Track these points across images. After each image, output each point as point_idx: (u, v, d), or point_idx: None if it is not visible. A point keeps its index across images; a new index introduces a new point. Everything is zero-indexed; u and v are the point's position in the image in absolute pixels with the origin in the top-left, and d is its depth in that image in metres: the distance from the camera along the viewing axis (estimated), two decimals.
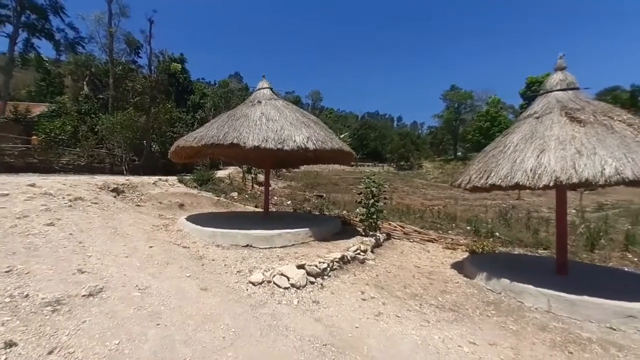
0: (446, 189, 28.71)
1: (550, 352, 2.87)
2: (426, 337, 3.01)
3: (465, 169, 4.92)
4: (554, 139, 3.64)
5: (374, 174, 7.70)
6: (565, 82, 4.18)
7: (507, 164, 3.91)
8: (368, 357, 2.62)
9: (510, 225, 10.17)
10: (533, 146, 3.79)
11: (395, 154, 48.96)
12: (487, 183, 4.09)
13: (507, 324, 3.43)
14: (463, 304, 3.96)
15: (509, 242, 8.10)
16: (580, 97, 4.04)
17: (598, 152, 3.23)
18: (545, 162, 3.52)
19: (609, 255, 6.66)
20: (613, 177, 3.03)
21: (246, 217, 8.12)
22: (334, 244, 5.87)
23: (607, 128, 3.44)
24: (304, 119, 6.31)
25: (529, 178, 3.58)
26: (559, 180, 3.32)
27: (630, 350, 2.90)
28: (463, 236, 8.83)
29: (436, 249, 7.43)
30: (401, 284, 4.59)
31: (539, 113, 4.16)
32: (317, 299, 3.67)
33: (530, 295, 3.82)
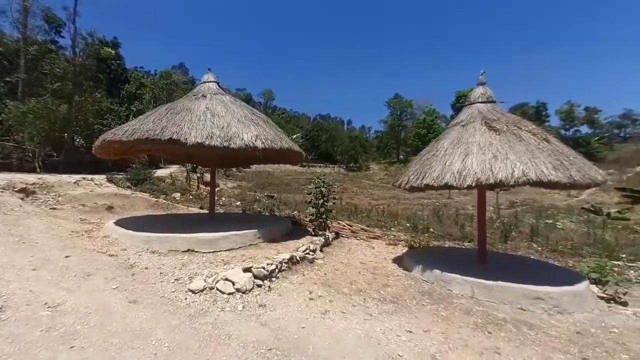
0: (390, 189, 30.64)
1: (473, 333, 3.22)
2: (369, 330, 3.12)
3: (405, 170, 5.27)
4: (476, 144, 4.12)
5: (324, 175, 7.82)
6: (485, 96, 4.78)
7: (439, 167, 4.30)
8: (313, 356, 2.61)
9: (442, 222, 11.27)
10: (459, 151, 4.24)
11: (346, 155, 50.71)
12: (422, 183, 4.44)
13: (439, 311, 3.76)
14: (402, 296, 4.22)
15: (441, 237, 8.95)
16: (497, 109, 4.66)
17: (509, 157, 3.76)
18: (469, 165, 3.96)
19: (519, 245, 7.80)
20: (521, 178, 3.56)
21: (189, 219, 7.53)
22: (283, 245, 5.78)
23: (516, 137, 4.02)
24: (253, 116, 6.09)
25: (456, 179, 3.99)
26: (480, 180, 3.77)
27: (540, 328, 3.38)
28: (403, 233, 9.50)
29: (380, 245, 7.83)
30: (348, 281, 4.71)
31: (464, 122, 4.68)
32: (264, 303, 3.55)
33: (457, 283, 4.24)
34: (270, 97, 76.55)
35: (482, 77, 4.89)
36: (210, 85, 6.38)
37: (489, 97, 4.76)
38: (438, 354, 2.79)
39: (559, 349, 2.93)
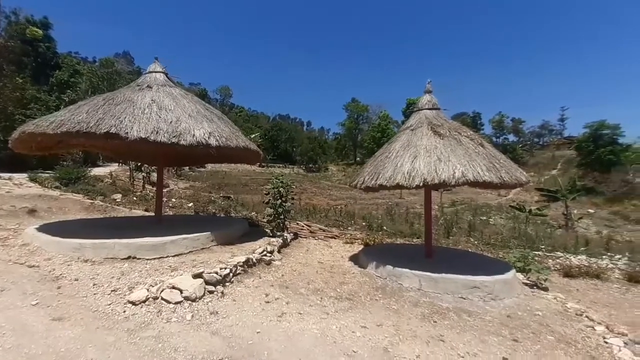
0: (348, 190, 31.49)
1: (421, 323, 3.41)
2: (325, 328, 3.12)
3: (360, 171, 5.42)
4: (423, 147, 4.42)
5: (282, 175, 7.69)
6: (431, 103, 5.16)
7: (391, 168, 4.51)
8: None
9: (395, 220, 11.90)
10: (409, 153, 4.50)
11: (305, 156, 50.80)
12: (376, 184, 4.61)
13: (391, 304, 3.92)
14: (357, 292, 4.32)
15: (393, 234, 9.43)
16: (441, 116, 5.05)
17: (451, 160, 4.10)
18: (417, 167, 4.22)
19: (459, 240, 8.57)
20: (460, 178, 3.89)
21: (132, 223, 6.80)
22: (239, 247, 5.53)
23: (457, 141, 4.40)
24: (206, 112, 5.73)
25: (406, 179, 4.22)
26: (426, 181, 4.03)
27: (477, 315, 3.71)
28: (360, 231, 9.80)
29: (338, 244, 7.95)
30: (305, 281, 4.68)
31: (413, 126, 4.99)
32: (216, 310, 3.34)
33: (407, 277, 4.48)
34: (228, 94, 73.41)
35: (429, 86, 5.27)
36: (158, 76, 5.85)
37: (435, 105, 5.15)
38: (390, 346, 2.89)
39: (493, 332, 3.25)
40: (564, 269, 5.84)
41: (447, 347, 2.92)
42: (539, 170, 23.86)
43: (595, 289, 5.15)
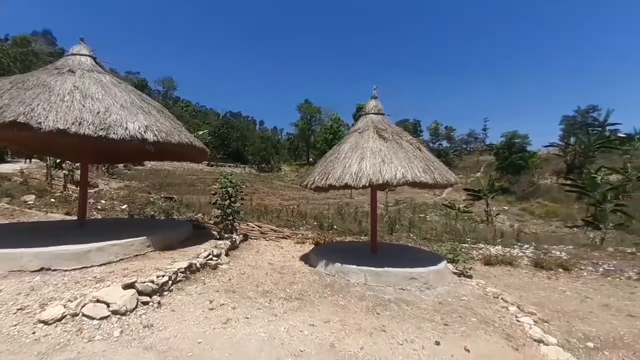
0: (300, 190, 31.52)
1: (365, 316, 3.56)
2: (272, 331, 3.05)
3: (311, 171, 5.46)
4: (369, 150, 4.64)
5: (231, 174, 7.35)
6: (377, 108, 5.45)
7: (340, 168, 4.64)
8: None
9: (345, 219, 12.29)
10: (356, 155, 4.69)
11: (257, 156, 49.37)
12: (326, 184, 4.69)
13: (338, 300, 4.02)
14: (307, 291, 4.33)
15: (343, 233, 9.72)
16: (386, 120, 5.38)
17: (394, 162, 4.39)
18: (364, 168, 4.42)
19: (401, 236, 9.21)
20: (401, 179, 4.19)
21: (47, 229, 5.80)
22: (181, 252, 5.12)
23: (399, 145, 4.72)
24: (142, 103, 5.16)
25: (353, 180, 4.39)
26: (372, 181, 4.25)
27: (415, 304, 4.00)
28: (311, 231, 9.87)
29: (289, 244, 7.89)
30: (254, 284, 4.53)
31: (361, 129, 5.21)
32: (151, 322, 3.02)
33: (354, 273, 4.65)
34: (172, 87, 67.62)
35: (375, 92, 5.56)
36: (83, 60, 5.09)
37: (380, 110, 5.45)
38: (336, 341, 2.95)
39: (427, 318, 3.55)
40: (485, 258, 6.69)
41: (388, 336, 3.10)
42: (466, 172, 27.07)
43: (509, 274, 6.01)
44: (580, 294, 4.83)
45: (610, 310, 4.23)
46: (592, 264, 6.55)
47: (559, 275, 5.88)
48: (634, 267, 6.32)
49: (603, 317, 3.99)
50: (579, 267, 6.30)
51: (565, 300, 4.54)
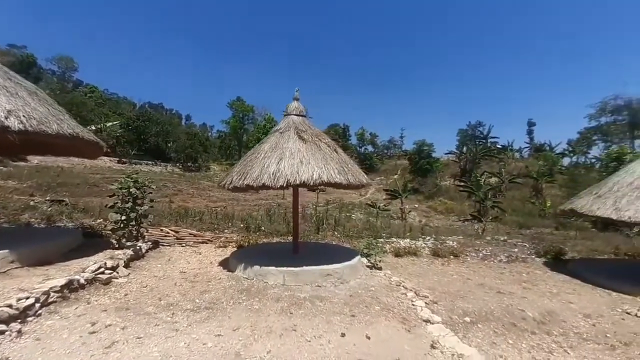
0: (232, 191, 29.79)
1: (278, 318, 3.50)
2: (169, 349, 2.72)
3: (229, 171, 5.16)
4: (288, 150, 4.63)
5: (136, 173, 6.42)
6: (299, 110, 5.49)
7: (258, 168, 4.49)
8: None
9: (274, 220, 12.09)
10: (276, 155, 4.62)
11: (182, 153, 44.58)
12: (244, 184, 4.48)
13: (253, 304, 3.86)
14: (220, 299, 4.04)
15: (270, 234, 9.53)
16: (307, 122, 5.46)
17: (311, 163, 4.47)
18: (282, 168, 4.38)
19: (326, 234, 9.52)
20: (317, 180, 4.30)
21: None
22: (61, 267, 4.21)
23: (317, 146, 4.85)
24: (6, 82, 4.07)
25: (271, 180, 4.30)
26: (289, 181, 4.24)
27: (328, 299, 4.11)
28: (237, 233, 9.39)
29: (209, 249, 7.31)
30: (157, 297, 4.01)
31: (282, 130, 5.17)
32: (6, 356, 2.36)
33: (272, 274, 4.55)
34: (71, 67, 55.91)
35: (297, 94, 5.59)
36: None
37: (301, 112, 5.51)
38: (243, 349, 2.80)
39: (338, 312, 3.70)
40: (395, 251, 7.42)
41: (297, 335, 3.10)
42: (387, 175, 29.97)
43: (412, 263, 6.77)
44: (463, 277, 5.75)
45: (484, 288, 5.14)
46: (475, 250, 7.92)
47: (450, 262, 6.91)
48: (505, 252, 7.89)
49: (479, 295, 4.80)
50: (465, 254, 7.54)
51: (452, 282, 5.34)
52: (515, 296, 4.69)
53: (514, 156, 28.82)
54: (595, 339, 3.46)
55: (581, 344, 3.36)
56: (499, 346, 3.20)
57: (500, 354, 3.05)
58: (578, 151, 28.57)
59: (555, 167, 22.25)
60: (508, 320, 3.81)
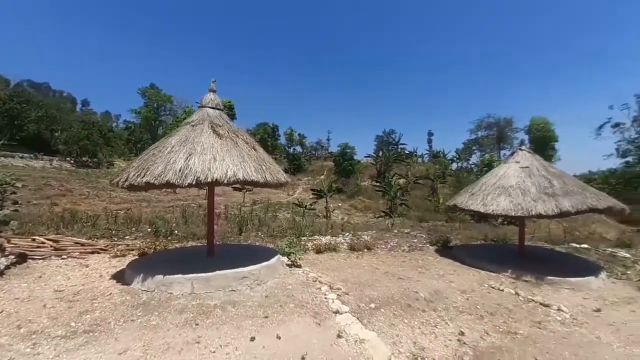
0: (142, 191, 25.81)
1: (180, 331, 3.10)
2: None
3: (126, 167, 4.38)
4: (200, 145, 4.20)
5: None
6: (215, 102, 5.06)
7: (162, 164, 3.93)
8: None
9: (191, 222, 10.96)
10: (185, 149, 4.13)
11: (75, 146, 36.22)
12: (143, 181, 3.85)
13: (150, 320, 3.34)
14: (107, 319, 3.36)
15: (185, 238, 8.58)
16: (224, 117, 5.07)
17: (226, 159, 4.15)
18: (192, 164, 3.94)
19: (249, 235, 9.12)
20: (232, 178, 4.02)
21: None
22: None
23: (234, 143, 4.54)
24: None
25: (178, 177, 3.82)
26: (199, 179, 3.84)
27: (242, 303, 3.86)
28: (142, 239, 8.12)
29: (101, 260, 6.10)
30: (14, 325, 3.10)
31: (194, 122, 4.66)
32: None
33: (178, 283, 4.05)
34: None
35: (213, 85, 5.15)
36: None
37: (218, 105, 5.09)
38: None
39: (250, 315, 3.51)
40: (317, 248, 7.62)
41: (201, 347, 2.80)
42: (314, 175, 30.86)
43: (331, 259, 7.06)
44: (373, 267, 6.29)
45: (388, 276, 5.70)
46: (385, 243, 8.80)
47: (364, 254, 7.48)
48: (407, 243, 8.98)
49: (384, 282, 5.30)
50: (376, 247, 8.29)
51: (363, 273, 5.77)
52: (412, 280, 5.35)
53: (418, 161, 33.62)
54: (468, 311, 4.18)
55: (458, 315, 4.02)
56: (396, 326, 3.56)
57: (397, 333, 3.39)
58: (462, 158, 35.22)
59: (447, 171, 26.81)
60: (405, 302, 4.30)
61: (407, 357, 2.90)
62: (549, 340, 3.39)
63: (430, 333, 3.44)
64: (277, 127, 39.87)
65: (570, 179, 6.38)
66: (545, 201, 5.69)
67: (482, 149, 40.58)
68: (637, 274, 6.22)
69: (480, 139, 41.19)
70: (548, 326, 3.76)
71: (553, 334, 3.55)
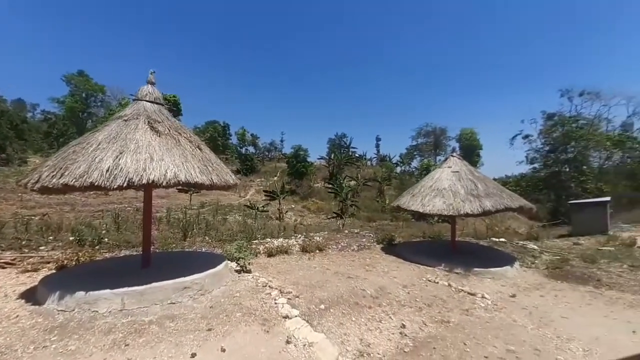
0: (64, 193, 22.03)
1: (106, 355, 2.69)
2: None
3: (40, 165, 3.66)
4: (134, 142, 3.72)
5: None
6: (153, 96, 4.55)
7: (85, 163, 3.37)
8: None
9: (125, 228, 9.71)
10: (115, 147, 3.61)
11: None
12: (59, 183, 3.25)
13: (68, 345, 2.83)
14: (13, 346, 2.77)
15: (117, 246, 7.57)
16: (164, 112, 4.58)
17: (165, 159, 3.74)
18: (122, 164, 3.46)
19: (195, 241, 8.44)
20: (172, 179, 3.64)
21: None
22: None
23: (175, 141, 4.13)
24: None
25: (105, 178, 3.31)
26: (132, 181, 3.39)
27: (182, 316, 3.50)
28: (62, 250, 6.92)
29: (6, 276, 5.05)
30: None
31: (128, 117, 4.12)
32: None
33: (105, 300, 3.51)
34: None
35: (152, 77, 4.62)
36: None
37: (157, 98, 4.58)
38: None
39: (192, 329, 3.21)
40: (268, 251, 7.40)
41: None
42: (267, 176, 30.14)
43: (283, 261, 6.92)
44: (324, 268, 6.35)
45: (338, 276, 5.80)
46: (336, 243, 8.98)
47: (315, 255, 7.51)
48: (357, 242, 9.30)
49: (334, 282, 5.36)
50: (328, 247, 8.40)
51: (315, 274, 5.77)
52: (360, 278, 5.54)
53: (367, 164, 35.36)
54: (409, 304, 4.47)
55: (400, 309, 4.27)
56: (344, 325, 3.62)
57: (345, 332, 3.45)
58: (405, 162, 38.23)
59: (392, 174, 28.77)
60: (353, 301, 4.41)
61: (354, 355, 2.95)
62: (475, 325, 3.80)
63: (375, 329, 3.57)
64: (228, 126, 37.98)
65: (490, 182, 7.33)
66: (472, 202, 6.43)
67: (421, 154, 44.55)
68: (543, 263, 7.41)
69: (420, 145, 45.20)
70: (474, 313, 4.22)
71: (478, 320, 3.99)
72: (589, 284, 5.73)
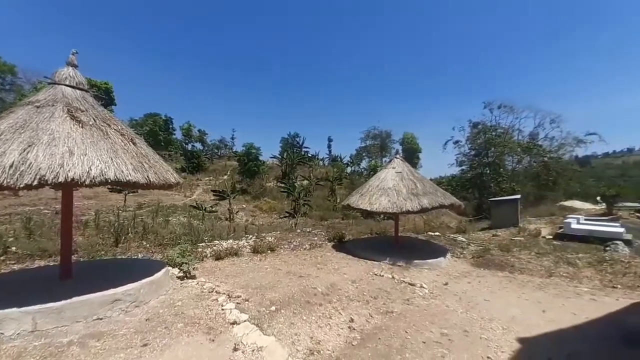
0: None
1: None
2: None
3: None
4: (49, 133, 3.13)
5: None
6: (76, 80, 3.89)
7: None
8: None
9: (40, 235, 8.16)
10: (22, 138, 2.99)
11: None
12: None
13: None
14: None
15: (29, 256, 6.32)
16: (88, 100, 3.94)
17: (88, 154, 3.22)
18: (32, 159, 2.87)
19: (129, 246, 7.50)
20: (98, 177, 3.15)
21: None
22: None
23: (103, 133, 3.59)
24: None
25: (8, 176, 2.71)
26: (45, 178, 2.84)
27: (111, 333, 3.05)
28: None
29: None
30: None
31: (41, 103, 3.44)
32: None
33: (13, 320, 2.89)
34: None
35: (73, 58, 3.93)
36: None
37: (79, 83, 3.93)
38: None
39: (123, 347, 2.84)
40: (216, 254, 6.96)
41: None
42: (216, 175, 28.42)
43: (233, 264, 6.57)
44: (275, 268, 6.23)
45: (290, 275, 5.75)
46: (288, 242, 8.90)
47: (267, 256, 7.33)
48: (309, 241, 9.35)
49: (285, 282, 5.28)
50: (280, 247, 8.28)
51: (265, 276, 5.63)
52: (311, 277, 5.58)
53: (319, 164, 35.96)
54: (357, 298, 4.64)
55: (349, 304, 4.41)
56: (295, 325, 3.59)
57: (296, 332, 3.42)
58: (355, 163, 40.00)
59: (343, 174, 29.74)
60: (304, 299, 4.41)
61: (304, 354, 2.95)
62: (415, 313, 4.14)
63: (325, 325, 3.63)
64: (172, 119, 34.69)
65: (427, 182, 8.09)
66: (412, 200, 7.01)
67: (369, 155, 47.10)
68: (470, 253, 8.44)
69: (368, 146, 47.75)
70: (414, 302, 4.59)
71: (417, 308, 4.35)
72: (505, 270, 6.72)
